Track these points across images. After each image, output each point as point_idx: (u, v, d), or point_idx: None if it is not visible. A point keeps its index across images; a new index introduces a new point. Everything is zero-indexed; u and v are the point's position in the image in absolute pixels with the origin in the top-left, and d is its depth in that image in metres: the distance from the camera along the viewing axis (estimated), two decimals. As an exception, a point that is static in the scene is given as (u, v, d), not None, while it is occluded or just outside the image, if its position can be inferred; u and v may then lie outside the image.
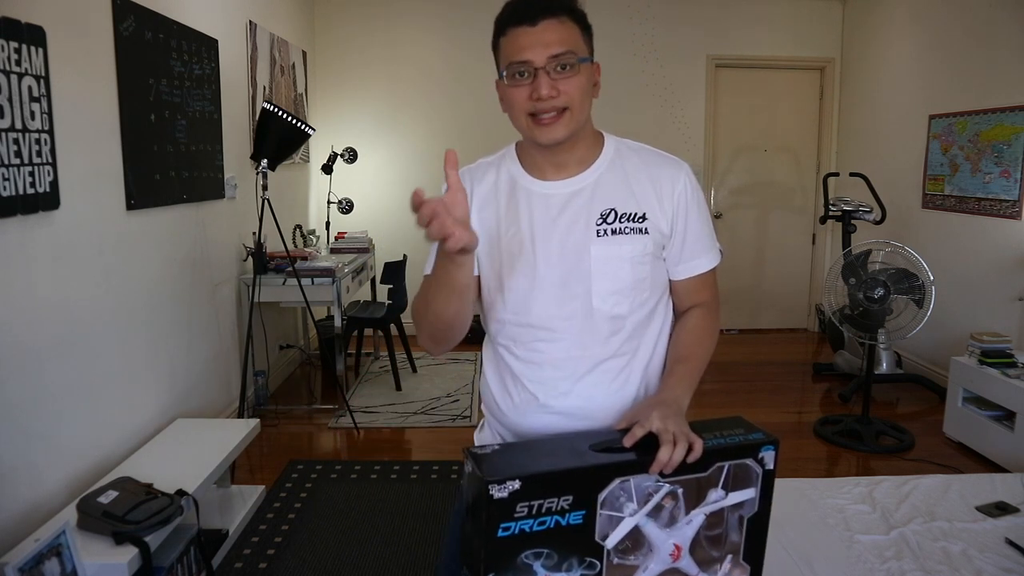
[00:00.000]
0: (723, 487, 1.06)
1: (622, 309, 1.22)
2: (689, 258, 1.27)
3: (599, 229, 1.20)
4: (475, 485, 0.97)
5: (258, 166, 3.60)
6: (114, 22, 2.62)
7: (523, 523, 0.96)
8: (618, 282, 1.21)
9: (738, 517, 1.09)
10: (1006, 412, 3.27)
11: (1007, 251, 3.84)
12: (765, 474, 1.09)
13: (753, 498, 1.09)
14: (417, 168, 5.54)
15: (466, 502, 1.02)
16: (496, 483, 0.94)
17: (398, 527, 2.80)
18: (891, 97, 5.00)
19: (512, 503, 0.95)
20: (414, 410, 4.08)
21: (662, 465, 1.00)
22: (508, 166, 1.27)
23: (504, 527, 0.95)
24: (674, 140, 5.61)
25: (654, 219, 1.22)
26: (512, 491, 0.94)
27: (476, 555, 0.97)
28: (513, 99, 1.17)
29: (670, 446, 1.00)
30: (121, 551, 1.94)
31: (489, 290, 1.27)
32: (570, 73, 1.15)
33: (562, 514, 0.98)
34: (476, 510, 0.97)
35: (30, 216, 2.14)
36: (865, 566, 1.91)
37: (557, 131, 1.16)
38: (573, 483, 0.98)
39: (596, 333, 1.22)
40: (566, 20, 1.16)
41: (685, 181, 1.25)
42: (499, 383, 1.30)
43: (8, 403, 2.05)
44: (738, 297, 5.91)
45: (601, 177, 1.23)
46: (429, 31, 5.51)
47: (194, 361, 3.35)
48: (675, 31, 5.57)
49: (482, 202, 1.26)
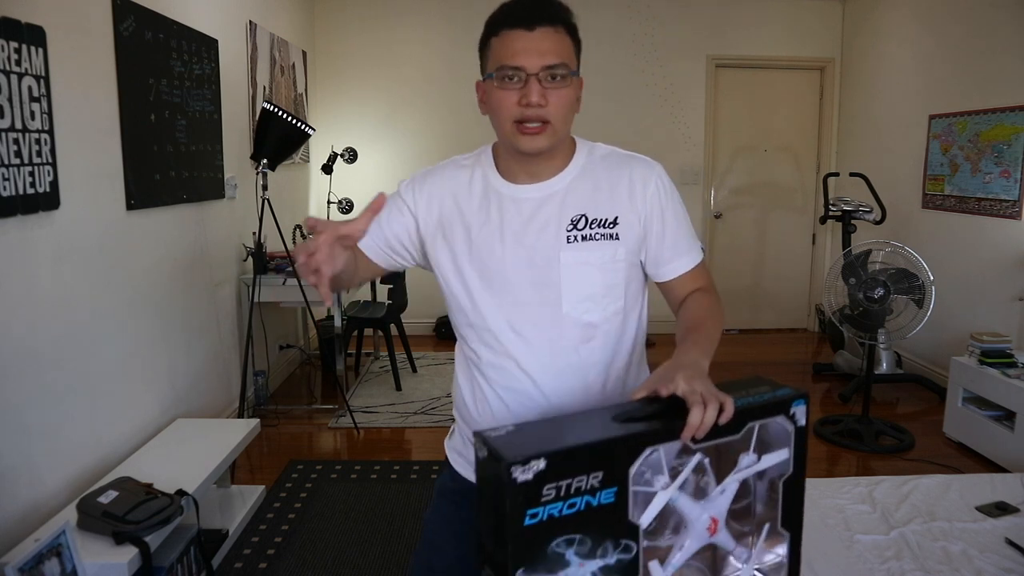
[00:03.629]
0: (755, 451, 0.99)
1: (593, 316, 1.20)
2: (670, 259, 1.25)
3: (569, 235, 1.19)
4: (493, 470, 0.87)
5: (258, 166, 3.60)
6: (114, 22, 2.62)
7: (551, 507, 0.86)
8: (588, 288, 1.19)
9: (768, 482, 1.02)
10: (1006, 412, 3.26)
11: (1007, 251, 3.84)
12: (797, 432, 1.01)
13: (787, 459, 1.02)
14: (417, 168, 5.45)
15: (480, 494, 0.93)
16: (519, 464, 0.84)
17: (398, 527, 2.80)
18: (891, 97, 5.00)
19: (538, 485, 0.85)
20: (414, 410, 4.08)
21: (694, 429, 0.91)
22: (483, 168, 1.26)
23: (531, 514, 0.85)
24: (674, 140, 5.61)
25: (626, 223, 1.21)
26: (537, 472, 0.84)
27: (500, 550, 0.87)
28: (500, 102, 1.15)
29: (701, 407, 0.92)
30: (121, 551, 1.94)
31: (458, 295, 1.26)
32: (560, 84, 1.14)
33: (593, 493, 0.88)
34: (496, 499, 0.87)
35: (30, 216, 2.14)
36: (865, 566, 1.91)
37: (539, 142, 1.15)
38: (603, 457, 0.89)
39: (566, 340, 1.20)
40: (561, 30, 1.15)
41: (657, 181, 1.23)
42: (470, 389, 1.30)
43: (8, 403, 2.05)
44: (738, 297, 5.91)
45: (572, 183, 1.22)
46: (429, 31, 5.51)
47: (194, 361, 3.35)
48: (675, 31, 5.57)
49: (453, 201, 1.25)
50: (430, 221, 1.27)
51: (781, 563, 1.06)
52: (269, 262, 3.94)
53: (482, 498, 0.92)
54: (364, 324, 4.56)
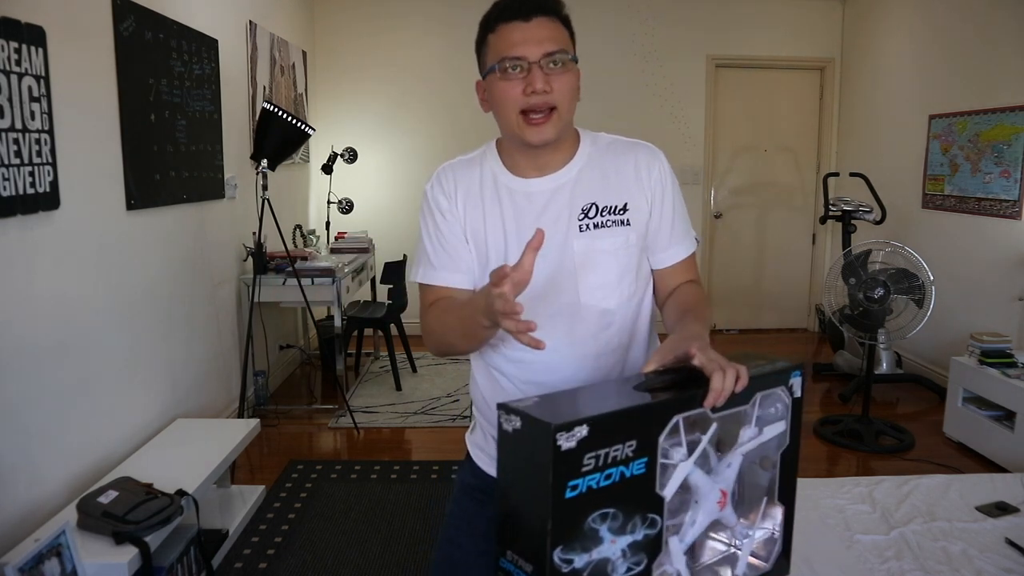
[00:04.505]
0: (755, 424, 0.98)
1: (610, 303, 1.22)
2: (667, 245, 1.26)
3: (581, 224, 1.20)
4: (531, 440, 0.81)
5: (258, 166, 3.60)
6: (114, 22, 2.62)
7: (590, 479, 0.82)
8: (604, 275, 1.21)
9: (766, 456, 1.02)
10: (1006, 412, 3.26)
11: (1007, 251, 3.84)
12: (794, 403, 1.02)
13: (784, 431, 1.02)
14: (417, 168, 5.54)
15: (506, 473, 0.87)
16: (564, 430, 0.78)
17: (398, 527, 2.80)
18: (891, 97, 5.00)
19: (580, 454, 0.80)
20: (414, 410, 4.08)
21: (718, 394, 0.91)
22: (490, 164, 1.27)
23: (572, 486, 0.80)
24: (674, 140, 5.61)
25: (635, 207, 1.22)
26: (580, 439, 0.79)
27: (537, 529, 0.81)
28: (504, 94, 1.16)
29: (720, 373, 0.91)
30: (121, 551, 1.94)
31: (474, 289, 1.26)
32: (562, 70, 1.15)
33: (627, 463, 0.85)
34: (535, 472, 0.81)
35: (30, 216, 2.14)
36: (865, 566, 1.91)
37: (546, 131, 1.16)
38: (638, 425, 0.86)
39: (585, 329, 1.22)
40: (556, 21, 1.17)
41: (660, 167, 1.25)
42: (489, 383, 1.30)
43: (8, 403, 2.05)
44: (738, 297, 5.91)
45: (580, 172, 1.23)
46: (429, 31, 5.50)
47: (194, 361, 3.35)
48: (675, 31, 5.57)
49: (466, 201, 1.25)
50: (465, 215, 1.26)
51: (774, 537, 1.06)
52: (269, 262, 3.94)
53: (509, 475, 0.87)
54: (364, 324, 4.56)
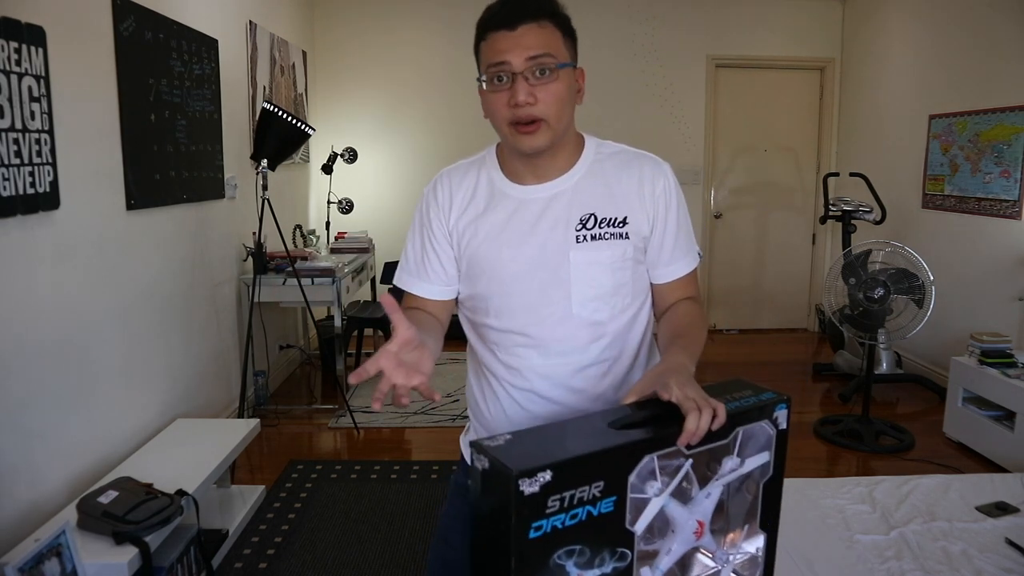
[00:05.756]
0: (738, 455, 1.00)
1: (602, 315, 1.20)
2: (669, 261, 1.25)
3: (579, 235, 1.18)
4: (496, 483, 0.85)
5: (258, 166, 3.60)
6: (114, 22, 2.62)
7: (555, 519, 0.85)
8: (597, 288, 1.19)
9: (749, 485, 1.04)
10: (1006, 412, 3.26)
11: (1007, 251, 3.84)
12: (779, 434, 1.03)
13: (768, 462, 1.04)
14: (417, 168, 5.54)
15: (478, 507, 0.90)
16: (526, 476, 0.81)
17: (398, 527, 2.80)
18: (891, 97, 5.00)
19: (544, 497, 0.83)
20: (414, 410, 4.08)
21: (691, 435, 0.91)
22: (488, 170, 1.26)
23: (536, 527, 0.84)
24: (674, 140, 5.61)
25: (635, 221, 1.20)
26: (544, 483, 0.83)
27: (502, 565, 0.85)
28: (493, 105, 1.15)
29: (696, 413, 0.92)
30: (121, 551, 1.94)
31: (468, 296, 1.26)
32: (548, 79, 1.12)
33: (594, 503, 0.88)
34: (499, 512, 0.85)
35: (30, 216, 2.14)
36: (865, 566, 1.91)
37: (537, 140, 1.14)
38: (604, 466, 0.88)
39: (575, 339, 1.20)
40: (547, 24, 1.13)
41: (666, 182, 1.22)
42: (481, 389, 1.30)
43: (8, 403, 2.05)
44: (738, 297, 5.91)
45: (580, 181, 1.21)
46: (429, 31, 5.50)
47: (194, 361, 3.35)
48: (675, 31, 5.57)
49: (461, 207, 1.25)
50: (458, 222, 1.25)
51: (757, 562, 1.08)
52: (269, 262, 3.94)
53: (479, 513, 0.90)
54: (364, 324, 4.56)
